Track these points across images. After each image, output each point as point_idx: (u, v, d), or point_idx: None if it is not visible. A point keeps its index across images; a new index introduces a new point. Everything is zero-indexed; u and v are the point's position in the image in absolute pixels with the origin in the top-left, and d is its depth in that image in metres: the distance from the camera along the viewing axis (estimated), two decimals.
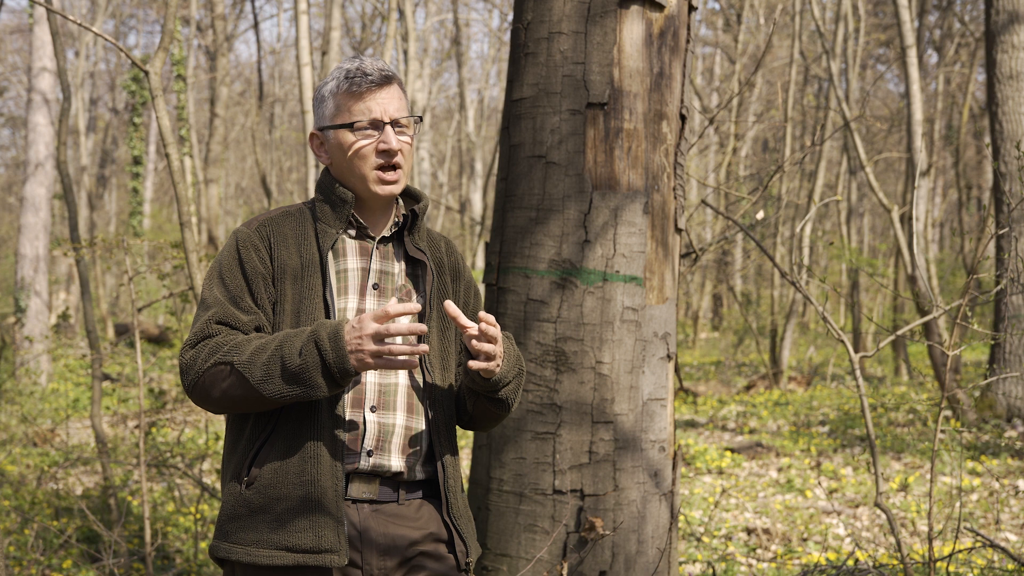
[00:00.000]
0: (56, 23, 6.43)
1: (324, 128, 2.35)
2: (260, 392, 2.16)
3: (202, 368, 2.21)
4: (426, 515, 2.33)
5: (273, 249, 2.30)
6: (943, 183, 26.70)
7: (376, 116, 2.29)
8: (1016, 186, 8.86)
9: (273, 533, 2.20)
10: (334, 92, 2.32)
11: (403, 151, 2.32)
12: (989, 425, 9.14)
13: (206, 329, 2.25)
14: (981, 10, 20.30)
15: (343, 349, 2.12)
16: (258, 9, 42.41)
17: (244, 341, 2.21)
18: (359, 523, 2.25)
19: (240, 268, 2.29)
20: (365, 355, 2.12)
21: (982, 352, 17.50)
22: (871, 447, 3.99)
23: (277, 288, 2.30)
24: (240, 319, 2.26)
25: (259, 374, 2.16)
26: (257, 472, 2.23)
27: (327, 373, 2.14)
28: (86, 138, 25.52)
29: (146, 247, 7.37)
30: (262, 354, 2.17)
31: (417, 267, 2.39)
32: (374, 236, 2.36)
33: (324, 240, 2.31)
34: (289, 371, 2.14)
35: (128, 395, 8.90)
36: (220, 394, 2.21)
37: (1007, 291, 8.91)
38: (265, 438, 2.25)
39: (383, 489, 2.29)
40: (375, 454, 2.26)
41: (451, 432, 2.39)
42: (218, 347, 2.21)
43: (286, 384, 2.15)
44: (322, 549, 2.19)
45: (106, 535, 4.98)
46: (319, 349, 2.14)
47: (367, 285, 2.32)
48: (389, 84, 2.32)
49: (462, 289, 2.46)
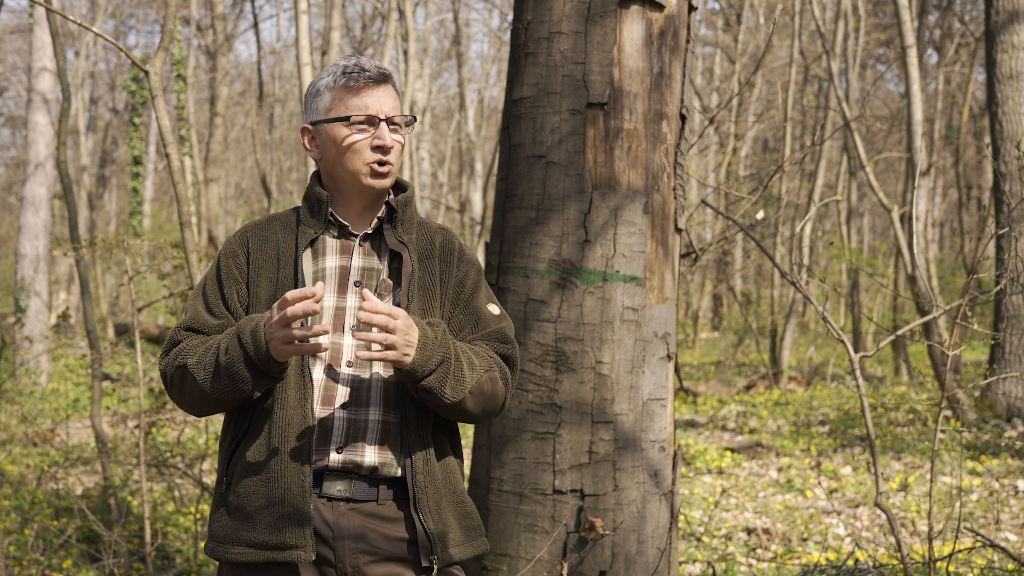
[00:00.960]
0: (56, 23, 6.43)
1: (317, 122, 2.35)
2: (206, 391, 2.24)
3: (168, 373, 2.32)
4: (405, 519, 2.28)
5: (251, 254, 2.36)
6: (943, 183, 26.70)
7: (372, 112, 2.30)
8: (1016, 186, 8.86)
9: (244, 531, 2.25)
10: (330, 87, 2.32)
11: (395, 149, 2.33)
12: (989, 425, 9.13)
13: (175, 336, 2.35)
14: (981, 10, 20.30)
15: (261, 339, 2.17)
16: (258, 9, 42.42)
17: (199, 343, 2.30)
18: (332, 520, 2.25)
19: (217, 276, 2.37)
20: (276, 342, 2.16)
21: (982, 352, 17.50)
22: (871, 447, 3.99)
23: (251, 292, 2.34)
24: (208, 324, 2.33)
25: (202, 374, 2.24)
26: (233, 472, 2.29)
27: (250, 364, 2.19)
28: (86, 138, 25.52)
29: (146, 247, 7.36)
30: (206, 354, 2.25)
31: (400, 260, 2.37)
32: (356, 234, 2.36)
33: (301, 240, 2.34)
34: (221, 367, 2.21)
35: (128, 395, 8.90)
36: (186, 396, 2.31)
37: (1007, 291, 8.91)
38: (240, 438, 2.30)
39: (359, 486, 2.26)
40: (345, 450, 2.25)
41: (424, 426, 2.30)
42: (180, 351, 2.31)
43: (221, 381, 2.22)
44: (287, 545, 2.21)
45: (106, 535, 4.98)
46: (241, 343, 2.19)
47: (348, 283, 2.32)
48: (386, 82, 2.33)
49: (453, 274, 2.40)
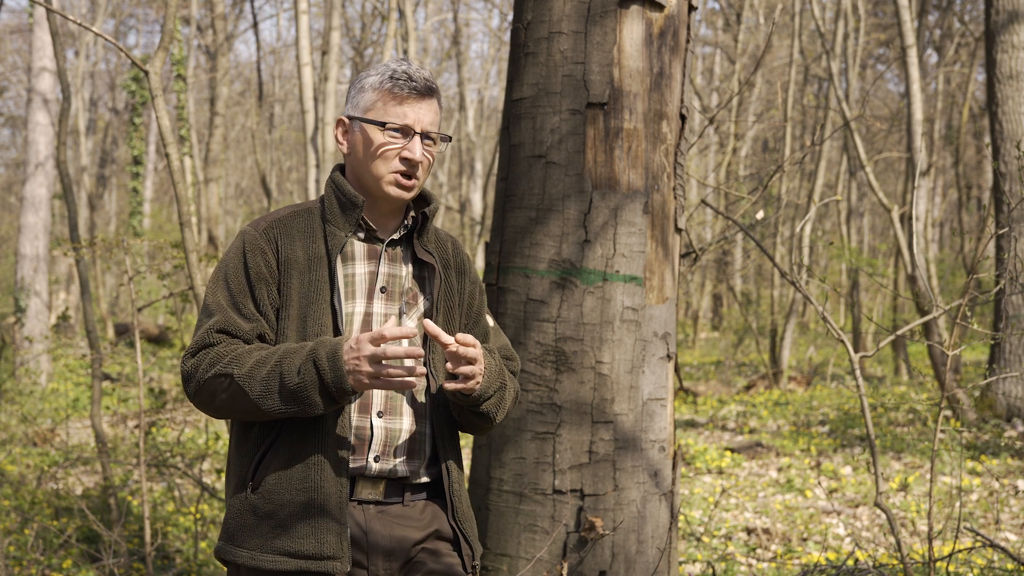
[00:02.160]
0: (56, 23, 6.42)
1: (354, 118, 2.32)
2: (259, 407, 2.18)
3: (203, 378, 2.22)
4: (430, 515, 2.33)
5: (280, 253, 2.28)
6: (943, 183, 26.70)
7: (409, 123, 2.28)
8: (1016, 186, 8.85)
9: (277, 539, 2.20)
10: (375, 87, 2.29)
11: (423, 164, 2.30)
12: (989, 425, 9.13)
13: (207, 338, 2.24)
14: (981, 10, 20.30)
15: (341, 369, 2.12)
16: (258, 9, 42.41)
17: (244, 352, 2.21)
18: (364, 524, 2.26)
19: (244, 272, 2.27)
20: (363, 376, 2.12)
21: (982, 352, 17.49)
22: (871, 447, 3.99)
23: (282, 294, 2.28)
24: (241, 327, 2.25)
25: (258, 389, 2.17)
26: (262, 477, 2.23)
27: (324, 392, 2.14)
28: (86, 138, 25.51)
29: (146, 247, 7.36)
30: (261, 368, 2.17)
31: (424, 269, 2.38)
32: (383, 239, 2.34)
33: (332, 243, 2.29)
34: (287, 388, 2.15)
35: (128, 395, 8.90)
36: (221, 404, 2.23)
37: (1007, 291, 8.90)
38: (271, 443, 2.25)
39: (388, 491, 2.29)
40: (382, 459, 2.27)
41: (454, 436, 2.39)
42: (219, 357, 2.21)
43: (283, 401, 2.16)
44: (325, 556, 2.19)
45: (106, 535, 4.98)
46: (317, 368, 2.13)
47: (375, 289, 2.31)
48: (431, 96, 2.30)
49: (467, 288, 2.45)
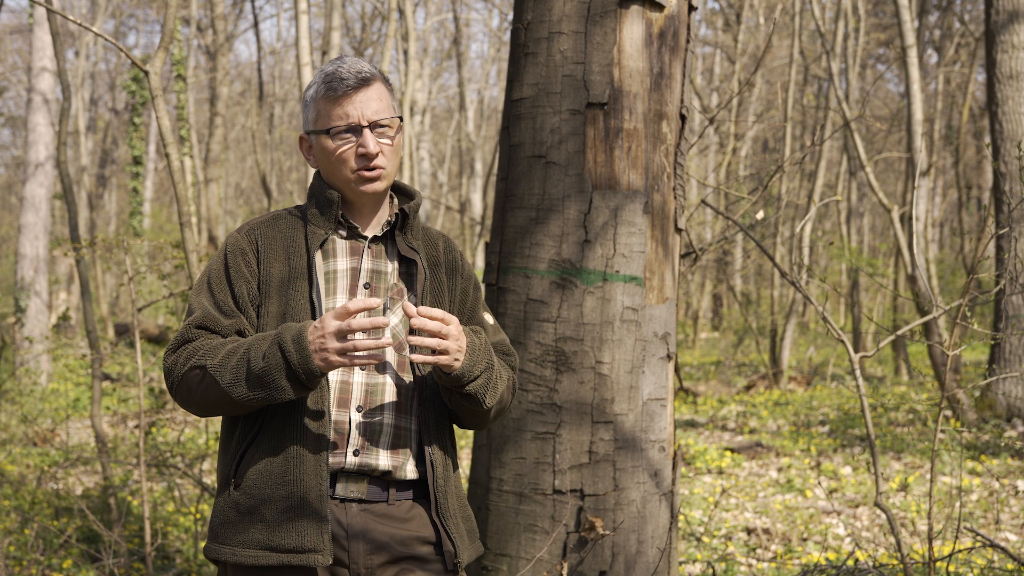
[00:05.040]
0: (56, 23, 6.42)
1: (309, 132, 2.36)
2: (229, 395, 2.19)
3: (180, 372, 2.26)
4: (417, 517, 2.32)
5: (261, 253, 2.32)
6: (943, 183, 26.71)
7: (353, 120, 2.28)
8: (1016, 186, 8.86)
9: (258, 533, 2.22)
10: (315, 97, 2.32)
11: (384, 152, 2.30)
12: (989, 425, 9.13)
13: (186, 333, 2.28)
14: (981, 10, 20.30)
15: (307, 350, 2.13)
16: (258, 9, 42.37)
17: (218, 344, 2.24)
18: (346, 522, 2.26)
19: (225, 272, 2.32)
20: (329, 353, 2.12)
21: (982, 352, 17.50)
22: (871, 447, 3.99)
23: (263, 292, 2.31)
24: (220, 323, 2.28)
25: (228, 377, 2.19)
26: (243, 473, 2.25)
27: (291, 375, 2.15)
28: (86, 138, 25.51)
29: (146, 247, 7.36)
30: (232, 357, 2.20)
31: (411, 266, 2.38)
32: (366, 236, 2.36)
33: (312, 241, 2.32)
34: (254, 373, 2.16)
35: (128, 395, 8.90)
36: (199, 397, 2.25)
37: (1007, 291, 8.91)
38: (251, 439, 2.27)
39: (372, 488, 2.29)
40: (361, 453, 2.26)
41: (442, 430, 2.37)
42: (195, 351, 2.25)
43: (250, 387, 2.17)
44: (305, 549, 2.20)
45: (106, 535, 4.98)
46: (282, 351, 2.15)
47: (358, 285, 2.32)
48: (367, 86, 2.30)
49: (459, 285, 2.44)
